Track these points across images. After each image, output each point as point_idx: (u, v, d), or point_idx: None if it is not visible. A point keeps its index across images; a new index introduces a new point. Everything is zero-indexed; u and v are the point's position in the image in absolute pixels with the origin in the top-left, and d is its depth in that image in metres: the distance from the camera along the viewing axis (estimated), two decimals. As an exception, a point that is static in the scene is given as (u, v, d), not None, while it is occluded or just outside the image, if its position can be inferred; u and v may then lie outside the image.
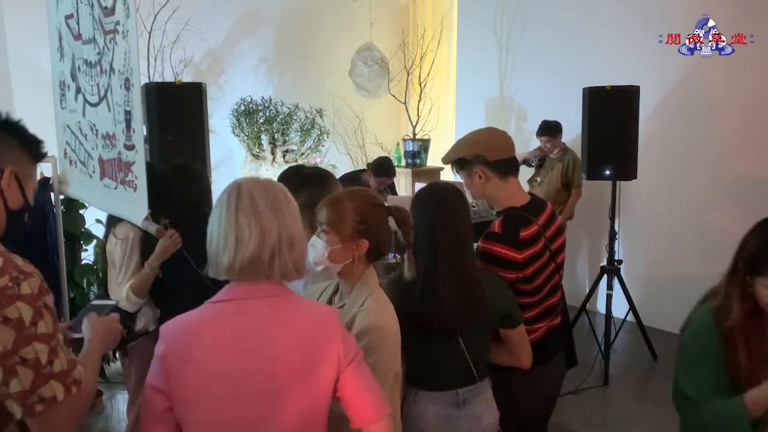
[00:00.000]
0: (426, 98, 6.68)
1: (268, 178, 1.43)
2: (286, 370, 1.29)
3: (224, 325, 1.31)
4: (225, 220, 1.33)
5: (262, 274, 1.33)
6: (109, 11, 2.17)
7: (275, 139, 5.43)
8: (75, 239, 3.77)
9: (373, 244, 1.65)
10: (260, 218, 1.31)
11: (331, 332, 1.35)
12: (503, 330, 1.99)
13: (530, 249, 2.07)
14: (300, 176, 2.21)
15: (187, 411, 1.29)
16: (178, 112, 3.72)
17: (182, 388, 1.28)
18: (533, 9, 5.92)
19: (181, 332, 1.31)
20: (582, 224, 5.52)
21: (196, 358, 1.28)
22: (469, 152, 2.13)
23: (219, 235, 1.34)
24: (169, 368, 1.28)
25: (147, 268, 2.58)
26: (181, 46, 5.34)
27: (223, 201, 1.35)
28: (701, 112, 4.81)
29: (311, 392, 1.32)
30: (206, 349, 1.28)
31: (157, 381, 1.29)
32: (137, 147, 2.14)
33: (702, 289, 1.93)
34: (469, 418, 1.91)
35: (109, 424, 3.71)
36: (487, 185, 2.13)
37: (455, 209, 1.93)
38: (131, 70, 2.08)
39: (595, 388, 4.12)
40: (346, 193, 1.72)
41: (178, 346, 1.29)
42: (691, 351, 1.73)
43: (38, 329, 1.24)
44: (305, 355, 1.31)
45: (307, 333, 1.33)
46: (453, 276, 1.85)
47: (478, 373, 1.92)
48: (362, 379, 1.37)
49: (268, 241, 1.31)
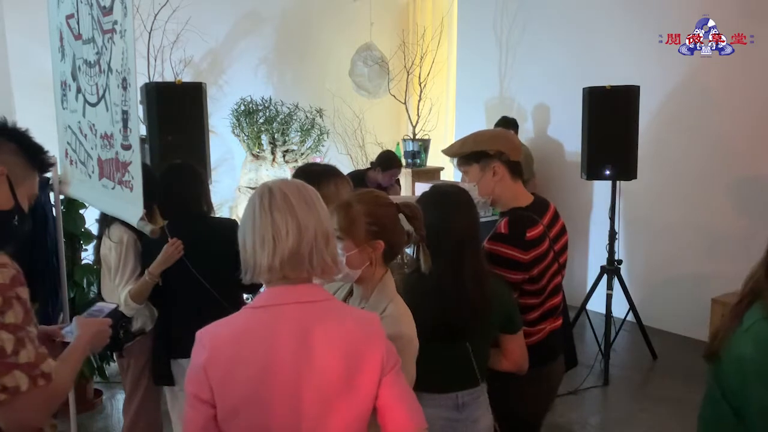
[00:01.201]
0: (426, 98, 6.68)
1: (299, 180, 1.41)
2: (332, 377, 1.27)
3: (270, 333, 1.27)
4: (259, 221, 1.29)
5: (303, 270, 1.30)
6: (107, 11, 2.18)
7: (275, 139, 5.43)
8: (75, 239, 3.77)
9: (387, 243, 1.64)
10: (296, 214, 1.29)
11: (376, 338, 1.33)
12: (503, 335, 1.98)
13: (536, 250, 2.07)
14: (311, 174, 2.21)
15: (230, 423, 1.26)
16: (178, 112, 3.73)
17: (226, 399, 1.25)
18: (533, 9, 5.91)
19: (226, 340, 1.27)
20: (582, 224, 5.52)
21: (239, 370, 1.25)
22: (493, 147, 2.12)
23: (254, 237, 1.30)
24: (215, 376, 1.25)
25: (147, 276, 2.56)
26: (181, 46, 5.34)
27: (255, 203, 1.32)
28: (701, 112, 4.81)
29: (356, 399, 1.29)
30: (254, 360, 1.25)
31: (201, 392, 1.26)
32: (134, 147, 2.13)
33: (702, 289, 1.91)
34: (468, 422, 1.91)
35: (109, 423, 3.71)
36: (498, 184, 2.13)
37: (472, 210, 1.93)
38: (128, 70, 2.08)
39: (595, 388, 4.12)
40: (353, 196, 1.71)
41: (226, 354, 1.26)
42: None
43: (5, 318, 1.25)
44: (350, 362, 1.28)
45: (352, 339, 1.30)
46: (476, 279, 1.85)
47: (480, 377, 1.92)
48: (400, 388, 1.34)
49: (305, 236, 1.29)
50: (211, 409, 1.26)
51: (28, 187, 1.56)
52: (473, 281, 1.84)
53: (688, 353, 4.61)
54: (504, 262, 2.03)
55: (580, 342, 4.59)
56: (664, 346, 4.71)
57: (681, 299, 4.90)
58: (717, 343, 1.46)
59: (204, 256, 2.57)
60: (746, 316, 1.43)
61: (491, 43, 6.29)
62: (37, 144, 1.58)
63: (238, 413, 1.25)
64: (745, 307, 1.46)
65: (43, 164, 1.60)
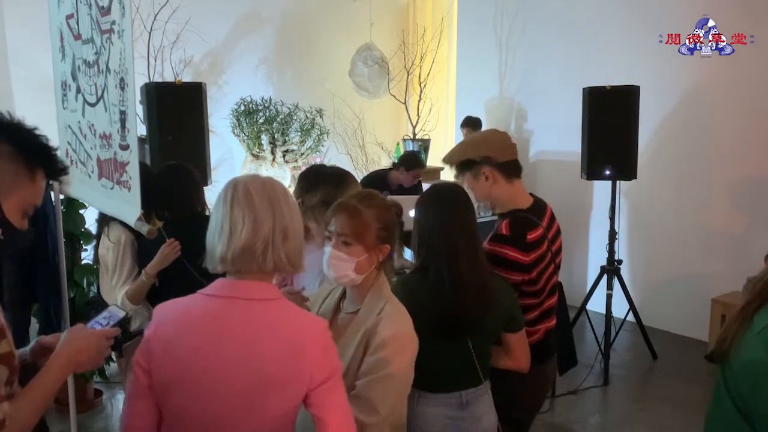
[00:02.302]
0: (426, 98, 6.68)
1: (268, 176, 1.43)
2: (262, 378, 1.27)
3: (213, 321, 1.31)
4: (221, 213, 1.34)
5: (254, 265, 1.32)
6: (105, 11, 2.18)
7: (275, 139, 5.43)
8: (75, 239, 3.77)
9: (392, 248, 1.65)
10: (254, 209, 1.32)
11: (316, 345, 1.31)
12: (506, 334, 1.98)
13: (536, 251, 2.08)
14: (319, 174, 2.22)
15: (162, 396, 1.32)
16: (178, 112, 3.73)
17: (161, 373, 1.31)
18: (533, 9, 5.91)
19: (170, 319, 1.34)
20: (582, 224, 5.51)
21: (177, 349, 1.30)
22: (478, 153, 2.13)
23: (214, 228, 1.35)
24: (153, 351, 1.32)
25: (144, 276, 2.55)
26: (181, 46, 5.34)
27: (221, 196, 1.37)
28: (701, 111, 4.81)
29: (284, 400, 1.29)
30: (190, 342, 1.30)
31: (142, 360, 1.33)
32: (131, 147, 2.13)
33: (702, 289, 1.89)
34: (471, 420, 1.91)
35: (109, 423, 3.71)
36: (493, 187, 2.13)
37: (468, 209, 1.93)
38: (126, 70, 2.08)
39: (595, 388, 4.12)
40: (358, 200, 1.65)
41: (165, 334, 1.32)
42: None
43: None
44: (285, 364, 1.28)
45: (290, 344, 1.29)
46: (475, 277, 1.84)
47: (482, 375, 1.92)
48: (335, 398, 1.33)
49: (260, 231, 1.31)
50: (148, 378, 1.32)
51: (20, 196, 1.34)
52: (472, 278, 1.84)
53: (688, 353, 4.61)
54: (505, 263, 2.04)
55: (580, 342, 4.58)
56: (664, 346, 4.70)
57: (681, 299, 4.90)
58: (727, 345, 1.42)
59: (200, 255, 2.57)
60: (756, 319, 1.40)
61: (491, 43, 6.29)
62: (41, 144, 1.37)
63: (169, 390, 1.31)
64: (755, 310, 1.42)
65: (50, 168, 1.38)
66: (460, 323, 1.85)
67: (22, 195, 1.34)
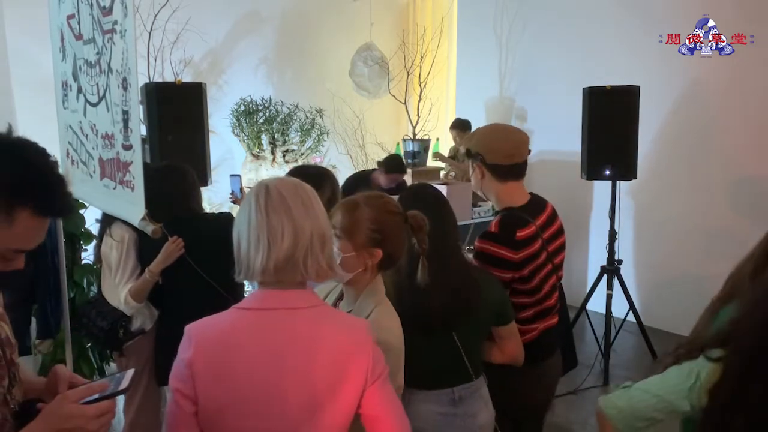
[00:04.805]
0: (426, 98, 6.68)
1: (295, 179, 1.37)
2: (318, 386, 1.25)
3: (258, 337, 1.26)
4: (255, 221, 1.26)
5: (297, 274, 1.27)
6: (107, 11, 2.18)
7: (275, 139, 5.44)
8: (75, 239, 3.77)
9: (386, 253, 1.60)
10: (292, 216, 1.26)
11: (363, 346, 1.30)
12: (495, 327, 1.99)
13: (527, 249, 2.07)
14: (300, 175, 2.22)
15: (213, 422, 1.25)
16: (178, 112, 3.72)
17: (214, 399, 1.24)
18: (533, 9, 5.92)
19: (213, 342, 1.25)
20: (582, 224, 5.52)
21: (230, 373, 1.23)
22: (475, 147, 2.16)
23: (250, 237, 1.26)
24: (199, 377, 1.24)
25: (147, 274, 2.56)
26: (181, 46, 5.34)
27: (251, 202, 1.28)
28: (701, 111, 4.81)
29: (339, 406, 1.28)
30: (240, 362, 1.24)
31: (185, 387, 1.24)
32: (135, 147, 2.13)
33: (702, 289, 1.89)
34: (466, 416, 1.91)
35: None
36: (483, 182, 2.18)
37: (438, 209, 1.90)
38: (129, 70, 2.08)
39: (595, 388, 4.12)
40: (363, 198, 1.64)
41: (212, 358, 1.24)
42: None
43: None
44: (336, 370, 1.26)
45: (339, 347, 1.28)
46: (440, 272, 1.80)
47: (473, 371, 1.92)
48: (386, 397, 1.33)
49: (301, 239, 1.26)
50: (193, 405, 1.24)
51: (12, 230, 1.08)
52: (445, 275, 1.82)
53: (688, 353, 4.61)
54: (493, 260, 2.04)
55: (580, 342, 4.58)
56: (664, 346, 4.70)
57: (681, 299, 4.90)
58: (700, 341, 1.44)
59: (205, 253, 2.57)
60: (722, 313, 1.44)
61: (491, 43, 6.30)
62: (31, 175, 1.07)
63: (223, 415, 1.24)
64: (720, 305, 1.47)
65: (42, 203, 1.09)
66: (440, 319, 1.84)
67: (14, 232, 1.09)
